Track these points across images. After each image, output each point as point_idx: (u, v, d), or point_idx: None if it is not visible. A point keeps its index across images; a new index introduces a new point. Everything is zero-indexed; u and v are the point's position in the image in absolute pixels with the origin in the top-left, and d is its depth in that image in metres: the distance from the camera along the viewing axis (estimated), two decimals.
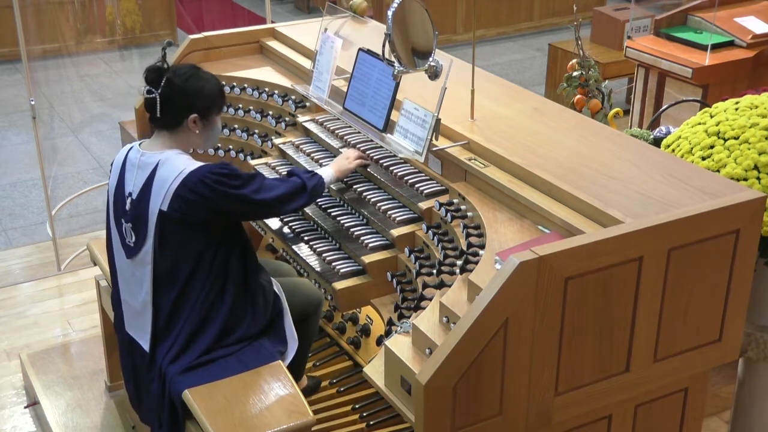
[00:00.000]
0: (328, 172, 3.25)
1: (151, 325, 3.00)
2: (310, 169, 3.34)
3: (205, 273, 2.93)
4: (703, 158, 3.03)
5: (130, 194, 2.97)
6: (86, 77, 7.28)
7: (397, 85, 3.31)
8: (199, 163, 2.91)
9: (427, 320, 2.56)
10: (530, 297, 2.33)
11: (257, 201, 2.94)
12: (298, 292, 3.25)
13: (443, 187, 3.12)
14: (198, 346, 2.96)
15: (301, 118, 3.81)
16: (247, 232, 3.11)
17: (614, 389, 2.60)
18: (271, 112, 3.97)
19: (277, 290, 3.15)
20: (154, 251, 2.93)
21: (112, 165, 3.11)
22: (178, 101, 2.93)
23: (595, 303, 2.45)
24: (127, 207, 2.98)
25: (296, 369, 3.36)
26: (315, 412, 3.02)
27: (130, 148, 3.04)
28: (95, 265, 3.74)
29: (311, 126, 3.75)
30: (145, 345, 3.03)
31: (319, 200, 3.41)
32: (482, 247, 2.71)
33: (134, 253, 2.98)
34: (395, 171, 3.26)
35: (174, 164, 2.90)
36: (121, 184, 3.01)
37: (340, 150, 3.50)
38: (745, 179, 2.91)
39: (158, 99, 2.91)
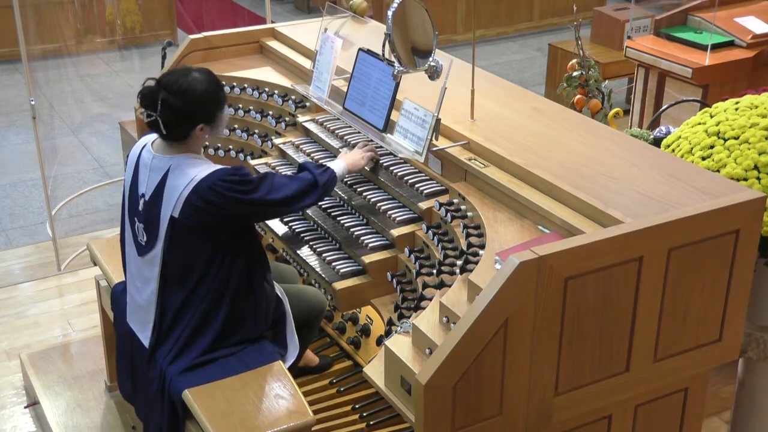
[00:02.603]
0: (339, 165, 3.20)
1: (153, 323, 3.01)
2: (321, 162, 3.31)
3: (213, 276, 2.93)
4: (703, 158, 3.03)
5: (143, 195, 2.97)
6: (86, 77, 7.28)
7: (397, 85, 3.31)
8: (211, 168, 2.88)
9: (427, 320, 2.56)
10: (530, 297, 2.33)
11: (269, 202, 2.93)
12: (302, 298, 3.25)
13: (443, 187, 3.12)
14: (196, 348, 2.96)
15: (301, 118, 3.81)
16: (257, 236, 3.11)
17: (614, 389, 2.60)
18: (271, 112, 3.97)
19: (280, 294, 3.15)
20: (164, 254, 2.93)
21: (127, 158, 3.10)
22: (181, 119, 2.88)
23: (595, 303, 2.44)
24: (140, 207, 2.98)
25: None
26: (315, 412, 3.02)
27: (144, 146, 3.03)
28: (95, 265, 3.74)
29: (311, 126, 3.75)
30: (145, 341, 3.04)
31: None
32: (482, 247, 2.71)
33: (145, 252, 2.99)
34: (395, 171, 3.26)
35: (185, 171, 2.88)
36: (135, 183, 3.01)
37: (340, 150, 3.50)
38: (745, 179, 2.91)
39: (160, 121, 2.87)
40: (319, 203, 3.39)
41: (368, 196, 3.27)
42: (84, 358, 4.20)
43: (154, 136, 3.03)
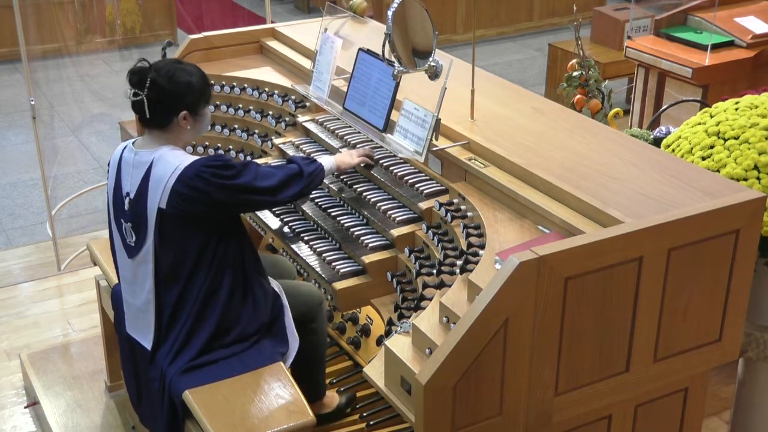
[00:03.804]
0: (328, 161, 3.22)
1: (154, 324, 3.00)
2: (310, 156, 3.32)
3: (205, 270, 2.93)
4: (703, 158, 3.03)
5: (128, 194, 2.97)
6: (86, 77, 7.27)
7: (397, 85, 3.31)
8: (193, 157, 2.91)
9: (427, 320, 2.56)
10: (530, 297, 2.33)
11: (254, 189, 2.93)
12: (297, 293, 3.25)
13: (443, 187, 3.12)
14: (195, 344, 2.95)
15: (301, 118, 3.81)
16: (247, 230, 3.11)
17: (614, 389, 2.60)
18: (271, 112, 3.97)
19: (276, 289, 3.15)
20: (155, 249, 2.93)
21: (109, 165, 3.11)
22: (166, 101, 2.91)
23: (595, 303, 2.45)
24: (126, 207, 2.98)
25: (315, 385, 3.34)
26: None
27: (124, 148, 3.04)
28: (95, 265, 3.74)
29: (311, 126, 3.75)
30: (147, 344, 3.03)
31: (319, 200, 3.41)
32: (482, 247, 2.71)
33: (135, 253, 2.99)
34: (395, 171, 3.26)
35: (168, 161, 2.89)
36: (119, 185, 3.01)
37: (340, 150, 3.50)
38: (745, 179, 2.91)
39: (145, 101, 2.90)
40: (319, 203, 3.40)
41: (368, 196, 3.27)
42: (84, 358, 4.20)
43: (134, 139, 3.06)
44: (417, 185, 3.15)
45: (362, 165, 3.36)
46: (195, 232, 2.91)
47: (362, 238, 3.15)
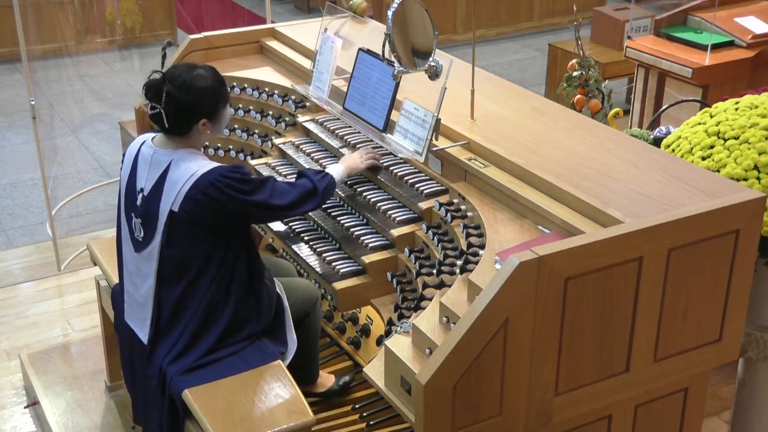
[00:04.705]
0: (338, 170, 3.22)
1: (151, 319, 3.01)
2: (319, 168, 3.32)
3: (212, 273, 2.94)
4: (703, 158, 3.03)
5: (142, 190, 2.97)
6: (86, 77, 7.28)
7: (397, 85, 3.31)
8: (212, 165, 2.90)
9: (427, 320, 2.56)
10: (530, 297, 2.33)
11: (269, 206, 2.94)
12: (294, 291, 3.25)
13: (443, 187, 3.12)
14: (201, 347, 2.96)
15: (301, 118, 3.81)
16: (252, 233, 3.12)
17: (614, 389, 2.60)
18: (271, 112, 3.97)
19: (279, 290, 3.15)
20: (161, 249, 2.94)
21: (124, 156, 3.11)
22: (184, 112, 2.91)
23: (595, 303, 2.45)
24: (138, 203, 2.98)
25: (308, 371, 3.38)
26: (315, 412, 3.01)
27: (143, 143, 3.04)
28: (95, 265, 3.74)
29: (311, 126, 3.75)
30: (144, 338, 3.05)
31: None
32: (482, 247, 2.71)
33: (142, 248, 2.99)
34: (395, 171, 3.26)
35: (186, 165, 2.90)
36: (133, 179, 3.02)
37: (340, 150, 3.50)
38: (745, 179, 2.91)
39: (163, 113, 2.90)
40: None
41: (368, 196, 3.27)
42: (84, 358, 4.20)
43: (153, 133, 3.05)
44: (417, 185, 3.15)
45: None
46: (204, 237, 2.91)
47: (362, 238, 3.15)
